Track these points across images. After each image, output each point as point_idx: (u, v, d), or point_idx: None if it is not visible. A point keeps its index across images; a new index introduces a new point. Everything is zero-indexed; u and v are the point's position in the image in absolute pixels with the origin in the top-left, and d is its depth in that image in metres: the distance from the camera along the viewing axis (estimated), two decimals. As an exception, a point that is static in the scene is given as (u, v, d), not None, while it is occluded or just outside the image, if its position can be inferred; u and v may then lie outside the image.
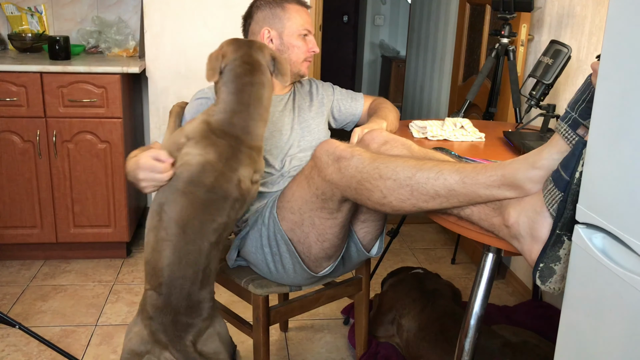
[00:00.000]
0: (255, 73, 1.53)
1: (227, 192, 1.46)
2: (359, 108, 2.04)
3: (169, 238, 1.44)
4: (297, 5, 1.83)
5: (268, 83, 1.56)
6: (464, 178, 1.21)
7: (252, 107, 1.51)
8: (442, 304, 2.12)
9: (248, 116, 1.51)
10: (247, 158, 1.50)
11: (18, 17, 3.09)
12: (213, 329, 1.50)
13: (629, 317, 0.87)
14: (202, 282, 1.47)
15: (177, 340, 1.44)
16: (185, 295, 1.45)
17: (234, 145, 1.49)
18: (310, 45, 1.85)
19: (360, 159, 1.33)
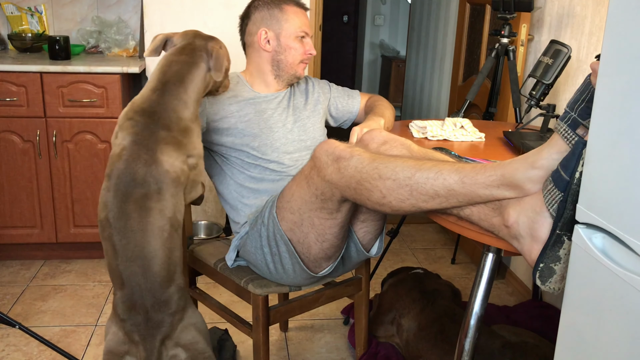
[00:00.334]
0: (182, 54, 1.55)
1: (149, 178, 1.43)
2: (356, 106, 2.04)
3: (109, 237, 1.43)
4: (295, 7, 1.82)
5: (194, 66, 1.55)
6: (463, 178, 1.22)
7: (171, 84, 1.51)
8: (442, 304, 2.12)
9: (167, 94, 1.50)
10: (169, 139, 1.47)
11: (18, 17, 3.09)
12: (187, 321, 1.48)
13: (629, 317, 0.87)
14: (164, 277, 1.44)
15: (149, 338, 1.42)
16: (147, 292, 1.42)
17: (151, 124, 1.47)
18: (307, 47, 1.85)
19: (360, 159, 1.33)
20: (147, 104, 1.50)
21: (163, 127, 1.47)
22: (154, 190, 1.43)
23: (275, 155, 1.80)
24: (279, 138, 1.82)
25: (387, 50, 6.91)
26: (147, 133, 1.46)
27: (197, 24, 2.87)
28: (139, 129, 1.46)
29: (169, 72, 1.53)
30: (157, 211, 1.43)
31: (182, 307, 1.47)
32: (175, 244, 1.47)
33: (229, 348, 2.15)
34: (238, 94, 1.84)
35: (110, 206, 1.43)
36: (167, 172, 1.45)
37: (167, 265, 1.44)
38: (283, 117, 1.85)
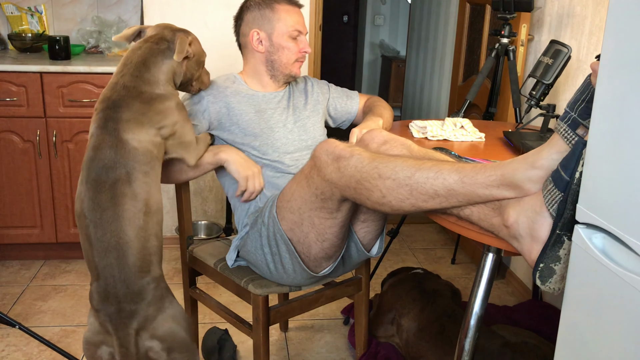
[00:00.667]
0: (147, 41, 1.60)
1: (118, 160, 1.44)
2: (355, 106, 2.04)
3: (84, 229, 1.45)
4: (287, 5, 1.81)
5: (156, 51, 1.59)
6: (463, 178, 1.22)
7: (133, 65, 1.55)
8: (442, 304, 2.12)
9: (127, 74, 1.54)
10: (130, 116, 1.48)
11: (18, 17, 3.09)
12: (165, 312, 1.48)
13: (629, 317, 0.87)
14: (138, 267, 1.44)
15: (121, 328, 1.43)
16: (120, 283, 1.42)
17: (113, 108, 1.49)
18: (301, 45, 1.84)
19: (360, 159, 1.33)
20: (109, 91, 1.54)
21: (124, 107, 1.49)
22: (124, 174, 1.44)
23: (276, 155, 1.80)
24: (279, 138, 1.82)
25: (387, 50, 6.91)
26: (109, 117, 1.48)
27: (197, 24, 2.87)
28: (102, 115, 1.49)
29: (133, 57, 1.57)
30: (130, 197, 1.44)
31: (158, 298, 1.47)
32: (150, 231, 1.47)
33: (229, 348, 2.15)
34: (238, 91, 1.85)
35: (84, 198, 1.45)
36: (135, 150, 1.46)
37: (142, 255, 1.44)
38: (283, 117, 1.85)
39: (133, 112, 1.49)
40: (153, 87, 1.55)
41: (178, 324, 1.50)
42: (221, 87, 1.83)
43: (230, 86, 1.85)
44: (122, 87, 1.52)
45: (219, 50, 2.92)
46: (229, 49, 2.92)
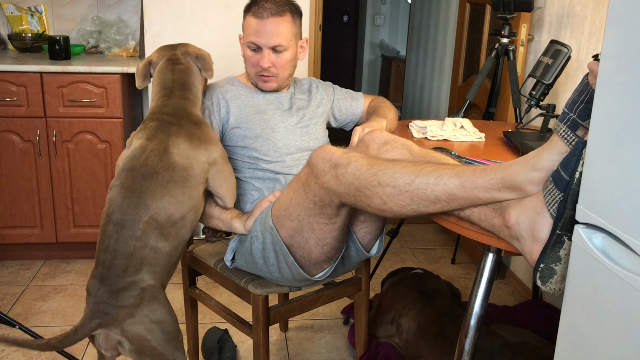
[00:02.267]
0: (174, 64, 1.69)
1: (159, 168, 1.49)
2: (359, 107, 2.04)
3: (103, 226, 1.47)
4: (251, 17, 1.77)
5: (190, 71, 1.70)
6: (463, 182, 1.21)
7: (177, 89, 1.65)
8: (442, 304, 2.12)
9: (174, 97, 1.63)
10: (180, 131, 1.56)
11: (18, 17, 3.09)
12: (137, 318, 1.47)
13: (629, 317, 0.87)
14: (123, 269, 1.44)
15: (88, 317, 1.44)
16: (105, 280, 1.44)
17: (163, 123, 1.57)
18: (257, 59, 1.78)
19: (358, 166, 1.32)
20: (157, 109, 1.62)
21: (176, 124, 1.57)
22: (157, 179, 1.48)
23: (277, 156, 1.80)
24: (280, 138, 1.81)
25: (387, 50, 6.91)
26: (160, 129, 1.55)
27: (197, 24, 2.87)
28: (153, 130, 1.56)
29: (170, 82, 1.66)
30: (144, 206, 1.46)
31: (134, 305, 1.46)
32: (150, 239, 1.47)
33: (229, 348, 2.15)
34: (238, 93, 1.85)
35: (113, 203, 1.47)
36: (175, 163, 1.51)
37: (130, 257, 1.44)
38: (284, 118, 1.85)
39: (184, 130, 1.57)
40: (197, 109, 1.66)
41: (149, 333, 1.48)
42: (222, 91, 1.83)
43: (230, 89, 1.85)
44: (172, 108, 1.61)
45: (219, 50, 2.92)
46: (229, 49, 2.92)
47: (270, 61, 1.78)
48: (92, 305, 1.44)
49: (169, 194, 1.48)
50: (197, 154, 1.56)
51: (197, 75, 1.71)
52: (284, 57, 1.79)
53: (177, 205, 1.50)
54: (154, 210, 1.46)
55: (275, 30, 1.74)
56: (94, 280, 1.46)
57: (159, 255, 1.49)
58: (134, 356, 1.49)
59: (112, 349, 1.49)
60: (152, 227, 1.46)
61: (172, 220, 1.50)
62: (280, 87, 1.87)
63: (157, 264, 1.49)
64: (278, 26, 1.75)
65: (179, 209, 1.50)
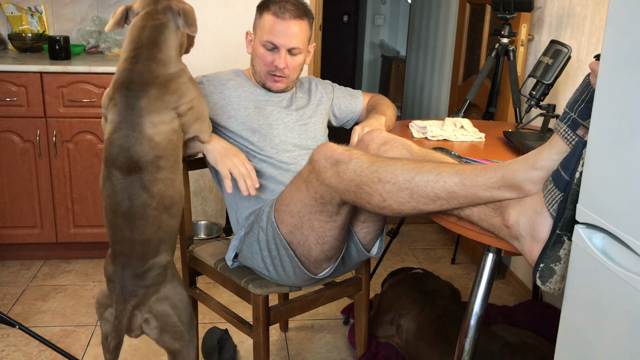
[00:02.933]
0: (148, 19, 1.54)
1: (143, 156, 1.44)
2: (359, 105, 2.05)
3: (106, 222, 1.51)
4: (271, 16, 1.77)
5: (164, 27, 1.54)
6: (463, 180, 1.21)
7: (145, 49, 1.50)
8: (441, 304, 2.12)
9: (141, 59, 1.49)
10: (150, 106, 1.46)
11: (18, 17, 3.09)
12: (162, 294, 1.53)
13: (629, 317, 0.87)
14: (144, 255, 1.49)
15: (121, 302, 1.50)
16: (127, 263, 1.49)
17: (131, 98, 1.45)
18: (273, 58, 1.79)
19: (359, 163, 1.32)
20: (123, 76, 1.49)
21: (142, 96, 1.46)
22: (148, 168, 1.45)
23: (274, 152, 1.80)
24: (277, 135, 1.82)
25: (387, 50, 6.91)
26: (129, 108, 1.45)
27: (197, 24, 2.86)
28: (122, 107, 1.46)
29: (140, 39, 1.52)
30: (145, 195, 1.46)
31: (159, 282, 1.53)
32: (163, 222, 1.50)
33: (229, 348, 2.15)
34: (240, 84, 1.85)
35: (115, 197, 1.46)
36: (158, 144, 1.46)
37: (149, 242, 1.49)
38: (283, 115, 1.85)
39: (151, 100, 1.46)
40: (167, 68, 1.52)
41: (172, 308, 1.55)
42: (223, 80, 1.84)
43: (234, 78, 1.86)
44: (138, 75, 1.47)
45: (219, 50, 2.92)
46: (229, 49, 2.92)
47: (286, 62, 1.79)
48: (120, 290, 1.50)
49: (164, 179, 1.48)
50: (170, 119, 1.49)
51: (173, 32, 1.57)
52: (297, 60, 1.81)
53: (174, 186, 1.51)
54: (158, 197, 1.47)
55: (295, 32, 1.76)
56: (116, 268, 1.50)
57: (171, 233, 1.54)
58: (156, 335, 1.55)
59: (138, 329, 1.54)
60: (160, 211, 1.49)
61: (175, 200, 1.52)
62: (287, 88, 1.88)
63: (171, 239, 1.55)
64: (298, 29, 1.77)
65: (176, 188, 1.52)
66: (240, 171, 1.65)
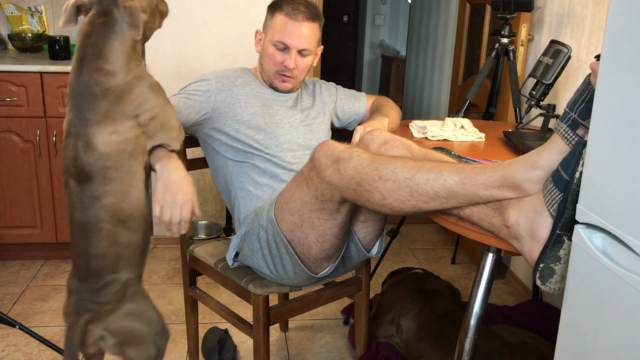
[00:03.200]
0: (94, 22, 1.39)
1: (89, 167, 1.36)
2: (362, 107, 2.05)
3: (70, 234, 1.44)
4: (284, 16, 1.77)
5: (109, 31, 1.38)
6: (463, 179, 1.22)
7: (89, 58, 1.37)
8: (441, 304, 2.12)
9: (85, 71, 1.37)
10: (102, 113, 1.36)
11: (18, 17, 3.09)
12: (120, 312, 1.44)
13: (629, 317, 0.87)
14: (99, 270, 1.41)
15: (73, 315, 1.43)
16: (84, 280, 1.42)
17: (79, 109, 1.37)
18: (283, 58, 1.79)
19: (359, 160, 1.32)
20: (71, 87, 1.40)
21: (91, 109, 1.37)
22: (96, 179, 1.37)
23: (279, 151, 1.80)
24: (283, 134, 1.82)
25: (387, 50, 6.91)
26: (78, 119, 1.37)
27: (197, 24, 2.87)
28: (71, 116, 1.38)
29: (86, 46, 1.39)
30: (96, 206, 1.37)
31: (117, 300, 1.43)
32: (119, 237, 1.40)
33: (229, 348, 2.15)
34: (248, 82, 1.85)
35: (71, 205, 1.40)
36: (107, 155, 1.36)
37: (104, 257, 1.40)
38: (289, 115, 1.86)
39: (101, 112, 1.36)
40: (117, 77, 1.39)
41: (132, 327, 1.46)
42: (231, 77, 1.84)
43: (242, 76, 1.86)
44: (84, 86, 1.37)
45: (219, 50, 2.92)
46: (229, 49, 2.92)
47: (296, 63, 1.79)
48: (75, 303, 1.43)
49: (115, 191, 1.38)
50: (126, 129, 1.38)
51: (120, 36, 1.40)
52: (306, 62, 1.83)
53: (128, 198, 1.40)
54: (110, 209, 1.37)
55: (306, 34, 1.78)
56: (74, 280, 1.43)
57: (132, 248, 1.44)
58: (115, 350, 1.47)
59: (94, 345, 1.46)
60: (115, 224, 1.39)
61: (131, 213, 1.41)
62: (294, 89, 1.89)
63: (133, 256, 1.45)
64: (310, 31, 1.78)
65: (131, 201, 1.41)
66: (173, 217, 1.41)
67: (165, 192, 1.42)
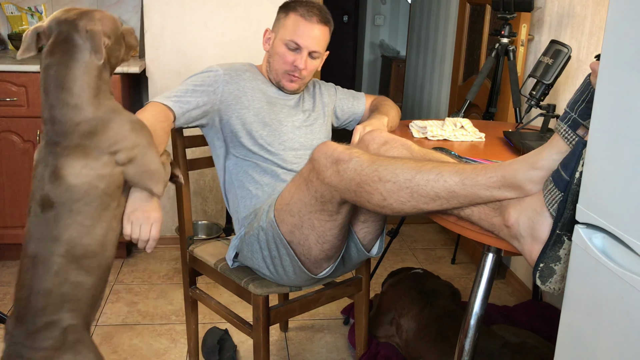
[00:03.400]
0: (53, 52, 1.30)
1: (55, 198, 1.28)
2: (361, 107, 2.06)
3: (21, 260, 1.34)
4: (298, 17, 1.79)
5: (70, 60, 1.29)
6: (464, 179, 1.21)
7: (52, 93, 1.29)
8: (441, 304, 2.12)
9: (51, 106, 1.30)
10: (67, 149, 1.29)
11: (18, 17, 3.09)
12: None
13: (629, 317, 0.87)
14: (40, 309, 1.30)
15: (5, 358, 1.31)
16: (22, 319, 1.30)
17: (48, 144, 1.30)
18: (294, 58, 1.79)
19: (359, 161, 1.32)
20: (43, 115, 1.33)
21: (61, 142, 1.30)
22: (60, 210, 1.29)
23: (281, 149, 1.80)
24: (286, 132, 1.82)
25: (387, 50, 6.91)
26: (48, 150, 1.31)
27: (197, 24, 2.87)
28: (43, 145, 1.33)
29: (48, 80, 1.30)
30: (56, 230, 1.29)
31: (54, 347, 1.31)
32: (70, 275, 1.31)
33: (229, 348, 2.15)
34: (255, 77, 1.86)
35: (27, 233, 1.32)
36: (75, 188, 1.29)
37: (49, 295, 1.30)
38: (291, 114, 1.87)
39: (73, 147, 1.29)
40: (86, 111, 1.30)
41: None
42: (240, 70, 1.85)
43: (250, 70, 1.87)
44: (52, 122, 1.29)
45: (219, 50, 2.92)
46: (229, 49, 2.92)
47: (305, 64, 1.81)
48: (8, 346, 1.30)
49: (79, 224, 1.30)
50: (100, 165, 1.31)
51: (82, 63, 1.30)
52: (314, 64, 1.84)
53: (92, 234, 1.32)
54: (67, 243, 1.29)
55: (318, 36, 1.80)
56: (11, 319, 1.31)
57: (82, 291, 1.33)
58: None
59: None
60: (69, 260, 1.30)
61: (91, 251, 1.33)
62: (299, 90, 1.90)
63: (80, 300, 1.33)
64: (321, 34, 1.81)
65: (95, 237, 1.33)
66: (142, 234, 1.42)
67: (136, 209, 1.41)
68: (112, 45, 1.37)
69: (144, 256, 3.01)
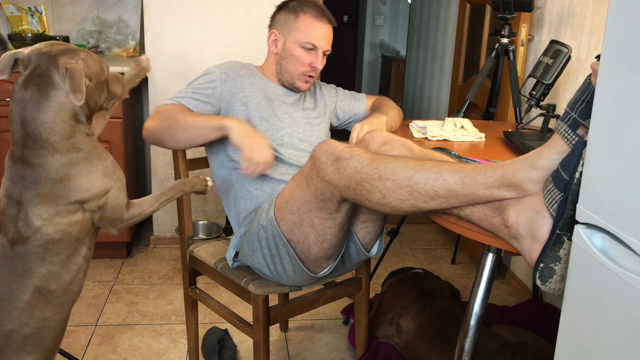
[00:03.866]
0: (27, 87, 1.24)
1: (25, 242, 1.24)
2: (362, 108, 2.06)
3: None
4: (311, 18, 1.80)
5: (46, 99, 1.23)
6: (463, 179, 1.22)
7: (21, 132, 1.23)
8: (441, 304, 2.12)
9: (21, 143, 1.24)
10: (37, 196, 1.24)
11: (18, 17, 3.09)
12: None
13: (629, 317, 0.87)
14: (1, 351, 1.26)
15: None
16: None
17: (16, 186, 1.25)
18: (311, 59, 1.82)
19: (359, 160, 1.33)
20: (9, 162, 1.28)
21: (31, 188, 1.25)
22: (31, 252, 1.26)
23: (279, 144, 1.80)
24: (284, 127, 1.82)
25: (387, 50, 6.91)
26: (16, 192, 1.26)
27: (197, 24, 2.87)
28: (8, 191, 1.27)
29: (18, 116, 1.24)
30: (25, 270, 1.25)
31: None
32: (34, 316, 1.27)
33: (229, 348, 2.16)
34: (252, 74, 1.87)
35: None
36: (48, 235, 1.26)
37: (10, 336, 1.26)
38: (290, 110, 1.87)
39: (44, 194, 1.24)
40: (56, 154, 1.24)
41: None
42: (235, 67, 1.85)
43: (246, 66, 1.88)
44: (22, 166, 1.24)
45: (219, 50, 2.92)
46: (229, 49, 2.92)
47: (322, 63, 1.85)
48: None
49: (48, 271, 1.27)
50: (71, 213, 1.28)
51: (56, 103, 1.24)
52: (324, 63, 1.87)
53: (61, 278, 1.30)
54: (36, 286, 1.26)
55: (329, 35, 1.84)
56: None
57: (42, 333, 1.29)
58: None
59: None
60: (37, 299, 1.26)
61: (60, 291, 1.30)
62: (307, 88, 1.92)
63: (39, 343, 1.29)
64: (330, 33, 1.85)
65: (64, 279, 1.31)
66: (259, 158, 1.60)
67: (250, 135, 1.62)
68: (92, 89, 1.30)
69: (144, 256, 3.01)
